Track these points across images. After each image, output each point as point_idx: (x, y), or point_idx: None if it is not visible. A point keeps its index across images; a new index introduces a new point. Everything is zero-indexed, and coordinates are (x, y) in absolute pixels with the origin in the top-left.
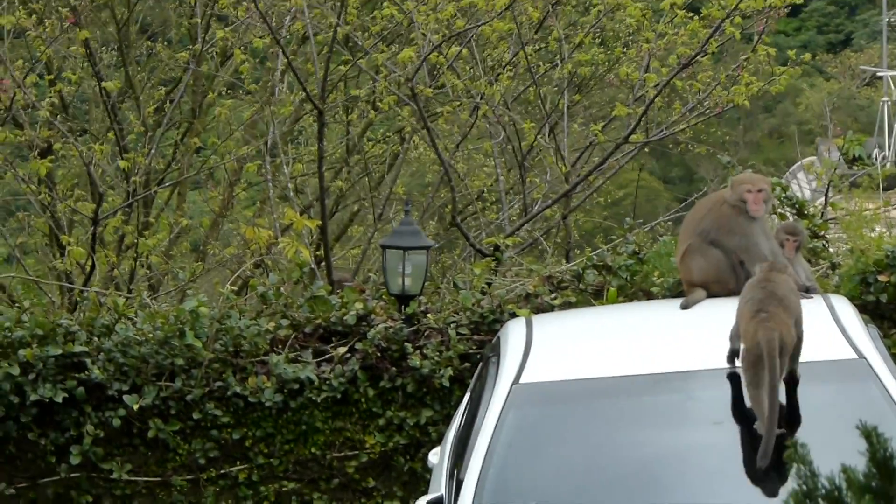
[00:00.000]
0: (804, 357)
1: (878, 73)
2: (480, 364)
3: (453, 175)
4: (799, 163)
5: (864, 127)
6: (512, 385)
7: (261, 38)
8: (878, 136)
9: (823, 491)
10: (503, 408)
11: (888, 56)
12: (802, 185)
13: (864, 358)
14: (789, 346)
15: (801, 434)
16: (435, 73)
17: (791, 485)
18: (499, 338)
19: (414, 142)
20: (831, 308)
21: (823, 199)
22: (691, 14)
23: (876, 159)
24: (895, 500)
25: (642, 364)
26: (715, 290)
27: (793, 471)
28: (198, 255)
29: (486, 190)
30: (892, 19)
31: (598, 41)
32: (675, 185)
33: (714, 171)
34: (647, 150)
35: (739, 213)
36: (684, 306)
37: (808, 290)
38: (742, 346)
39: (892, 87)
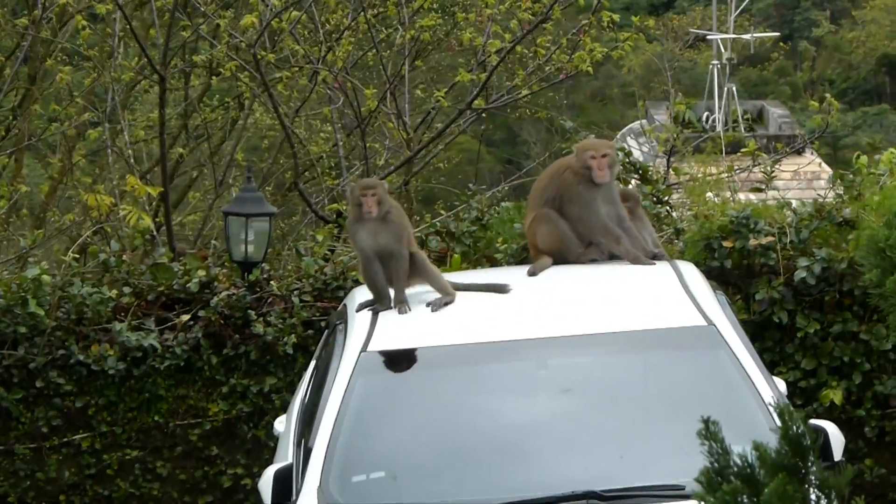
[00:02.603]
0: (653, 324)
1: (709, 37)
2: (326, 331)
3: (294, 140)
4: (628, 126)
5: (687, 89)
6: (360, 353)
7: (100, 2)
8: (708, 99)
9: (735, 469)
10: (351, 376)
11: (714, 19)
12: (633, 150)
13: (714, 325)
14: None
15: (651, 401)
16: (275, 38)
17: (702, 462)
18: (345, 305)
19: (253, 108)
20: (679, 274)
21: (664, 163)
22: None
23: (706, 122)
24: (807, 477)
25: (491, 331)
26: (561, 258)
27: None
28: (35, 221)
29: (324, 156)
30: None
31: (435, 6)
32: (497, 147)
33: (537, 133)
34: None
35: (581, 180)
36: (531, 273)
37: (655, 257)
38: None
39: (723, 51)
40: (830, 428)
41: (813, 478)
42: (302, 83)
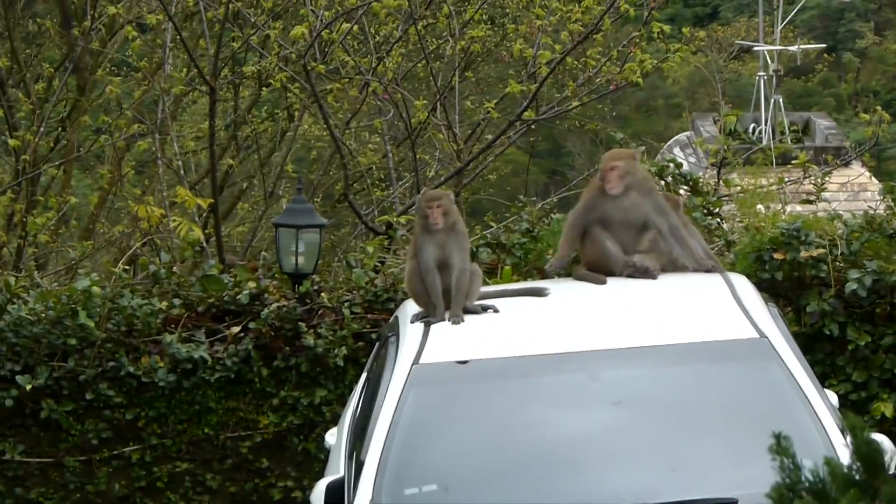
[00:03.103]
0: (705, 336)
1: (755, 48)
2: (378, 344)
3: (345, 152)
4: (674, 138)
5: (731, 101)
6: (412, 365)
7: (151, 13)
8: (755, 110)
9: (807, 484)
10: (403, 388)
11: (758, 30)
12: (677, 161)
13: (766, 337)
14: None
15: (703, 414)
16: (326, 49)
17: (774, 477)
18: (396, 317)
19: (302, 119)
20: (731, 286)
21: (714, 175)
22: None
23: (753, 134)
24: (880, 493)
25: (543, 344)
26: (597, 269)
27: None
28: (84, 232)
29: (373, 167)
30: None
31: (485, 17)
32: (542, 158)
33: (581, 144)
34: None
35: (602, 191)
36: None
37: (709, 270)
38: None
39: (770, 62)
40: (883, 441)
41: (884, 493)
42: (352, 94)
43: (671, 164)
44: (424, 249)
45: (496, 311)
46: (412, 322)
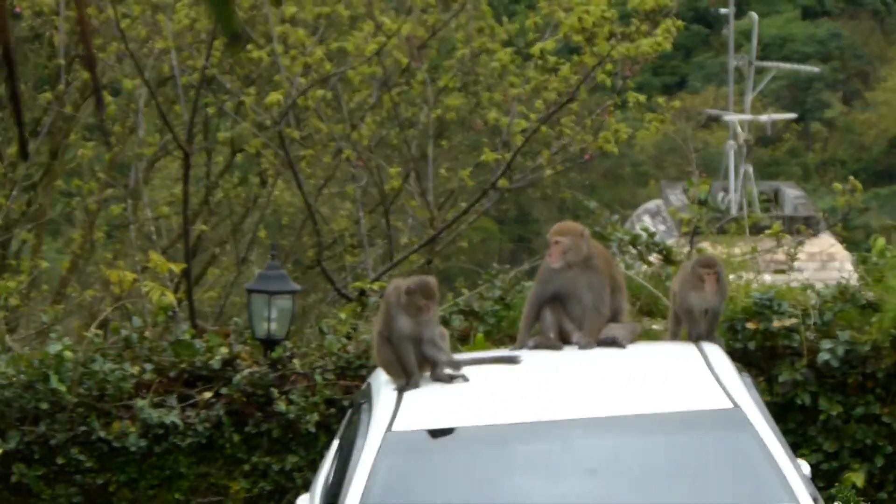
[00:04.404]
0: (679, 406)
1: (726, 118)
2: (350, 410)
3: (318, 218)
4: (643, 206)
5: (699, 169)
6: (385, 433)
7: (126, 76)
8: (723, 179)
9: None
10: (376, 455)
11: (726, 99)
12: (649, 230)
13: (740, 407)
14: None
15: (677, 484)
16: (300, 116)
17: None
18: (369, 384)
19: (275, 184)
20: (705, 356)
21: (685, 243)
22: (563, 60)
23: (722, 203)
24: None
25: (516, 412)
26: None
27: None
28: (55, 296)
29: (345, 233)
30: (739, 63)
31: (458, 86)
32: (509, 225)
33: (548, 212)
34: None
35: (548, 265)
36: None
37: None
38: None
39: (741, 131)
40: None
41: None
42: (326, 160)
43: (644, 233)
44: (400, 323)
45: (465, 379)
46: (393, 390)
